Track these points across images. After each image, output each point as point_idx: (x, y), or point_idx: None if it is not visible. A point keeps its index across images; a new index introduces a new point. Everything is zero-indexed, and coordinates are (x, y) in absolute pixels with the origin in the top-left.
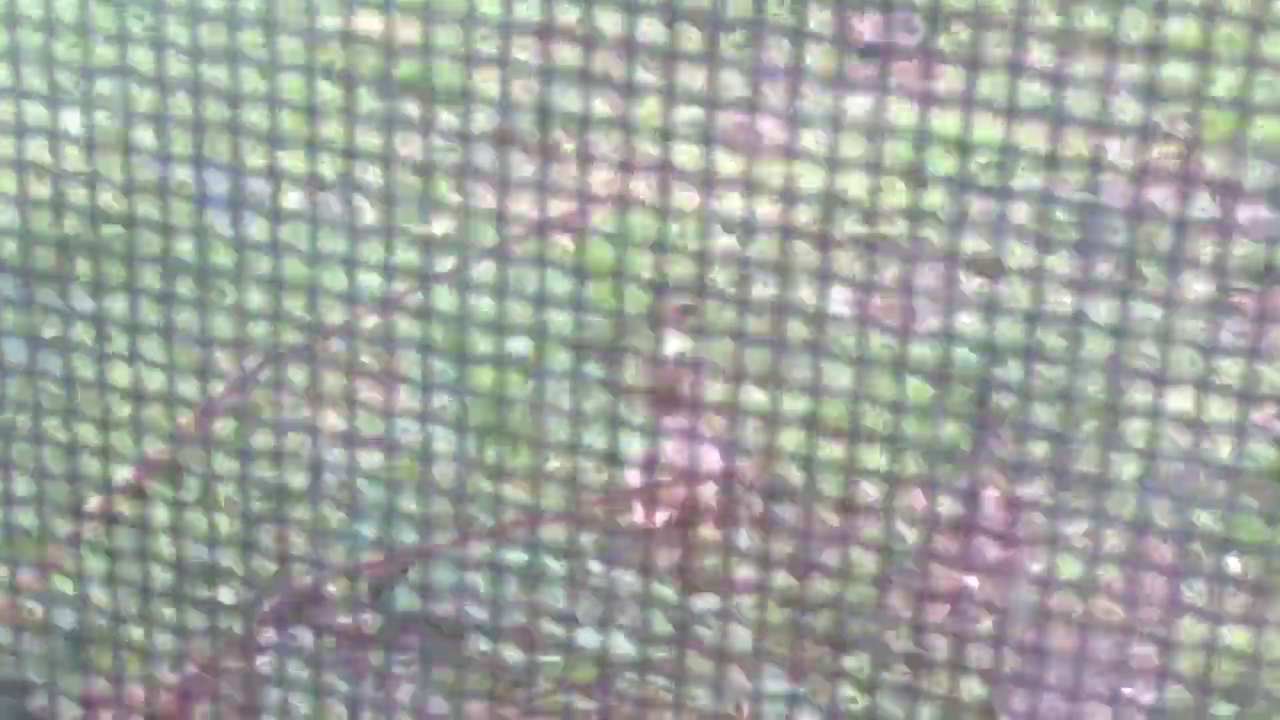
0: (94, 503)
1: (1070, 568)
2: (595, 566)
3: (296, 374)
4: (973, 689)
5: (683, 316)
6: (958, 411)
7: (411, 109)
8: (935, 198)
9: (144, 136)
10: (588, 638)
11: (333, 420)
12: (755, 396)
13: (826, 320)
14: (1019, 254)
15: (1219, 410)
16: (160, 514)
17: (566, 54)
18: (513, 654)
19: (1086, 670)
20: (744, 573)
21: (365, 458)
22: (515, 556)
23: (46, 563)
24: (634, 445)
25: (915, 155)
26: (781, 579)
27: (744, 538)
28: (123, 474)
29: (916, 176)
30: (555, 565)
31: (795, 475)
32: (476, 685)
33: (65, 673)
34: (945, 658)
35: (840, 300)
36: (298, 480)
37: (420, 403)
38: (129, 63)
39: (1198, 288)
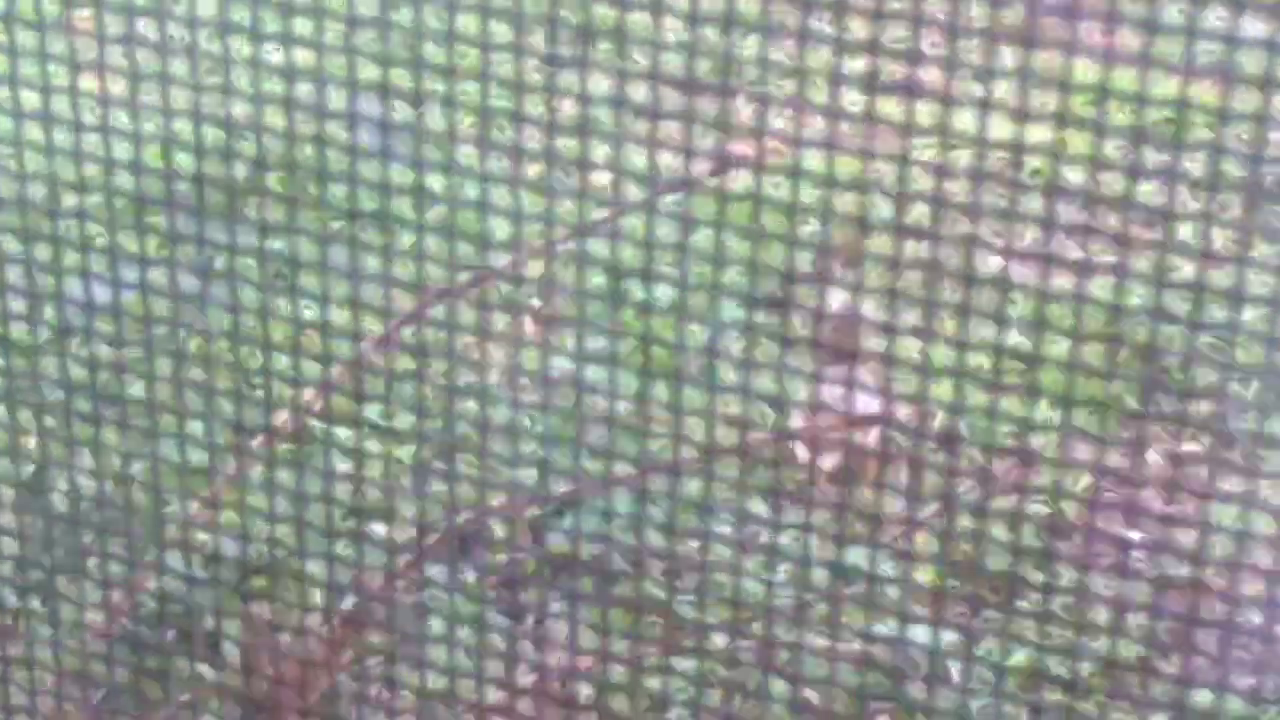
0: (259, 439)
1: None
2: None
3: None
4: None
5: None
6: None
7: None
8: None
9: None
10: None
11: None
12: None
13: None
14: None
15: None
16: (319, 451)
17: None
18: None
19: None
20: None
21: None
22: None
23: (215, 495)
24: (799, 392)
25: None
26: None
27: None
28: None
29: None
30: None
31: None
32: (633, 626)
33: (233, 600)
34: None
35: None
36: (463, 425)
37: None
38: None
39: None
